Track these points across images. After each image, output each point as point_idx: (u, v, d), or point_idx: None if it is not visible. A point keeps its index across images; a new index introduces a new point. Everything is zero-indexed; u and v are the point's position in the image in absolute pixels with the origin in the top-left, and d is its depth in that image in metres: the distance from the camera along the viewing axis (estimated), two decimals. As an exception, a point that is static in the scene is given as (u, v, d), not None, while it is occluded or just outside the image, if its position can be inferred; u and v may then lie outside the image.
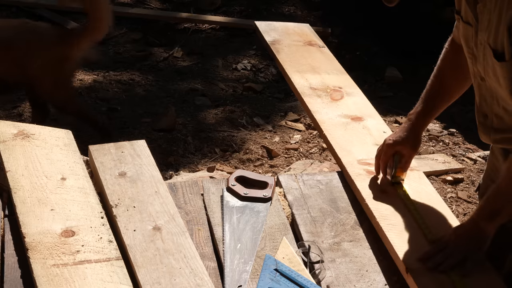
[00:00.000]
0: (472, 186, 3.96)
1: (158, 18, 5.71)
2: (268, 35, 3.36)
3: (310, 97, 2.94)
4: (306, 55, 3.23)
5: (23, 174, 2.41)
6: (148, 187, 2.43)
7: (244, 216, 2.42)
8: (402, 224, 2.34)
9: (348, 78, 3.10)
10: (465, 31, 2.19)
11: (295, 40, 3.35)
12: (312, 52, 3.27)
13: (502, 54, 2.03)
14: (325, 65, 3.17)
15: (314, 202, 2.52)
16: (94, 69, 4.99)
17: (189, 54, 5.34)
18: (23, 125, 2.69)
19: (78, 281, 2.04)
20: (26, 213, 2.26)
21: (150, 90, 4.83)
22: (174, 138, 4.29)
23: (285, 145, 4.27)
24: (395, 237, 2.28)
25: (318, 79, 3.06)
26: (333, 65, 3.18)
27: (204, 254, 2.27)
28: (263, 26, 3.45)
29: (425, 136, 4.39)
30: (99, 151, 2.57)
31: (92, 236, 2.20)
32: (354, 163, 2.60)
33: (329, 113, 2.85)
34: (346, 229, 2.41)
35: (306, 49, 3.29)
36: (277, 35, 3.36)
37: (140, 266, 2.13)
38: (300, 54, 3.23)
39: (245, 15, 5.84)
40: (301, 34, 3.41)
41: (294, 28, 3.48)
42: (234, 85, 4.97)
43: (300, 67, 3.12)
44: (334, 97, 2.95)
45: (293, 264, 2.20)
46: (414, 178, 2.57)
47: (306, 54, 3.24)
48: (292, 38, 3.36)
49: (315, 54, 3.25)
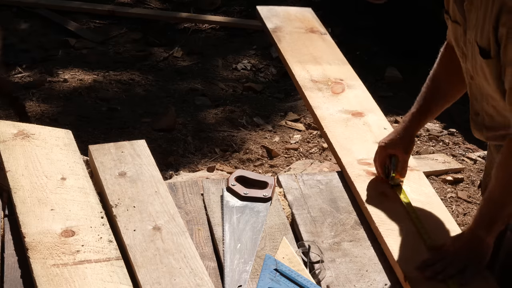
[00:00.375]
0: (472, 186, 3.96)
1: (158, 18, 5.71)
2: (269, 21, 3.32)
3: (311, 90, 2.92)
4: (308, 44, 3.19)
5: (23, 174, 2.41)
6: (148, 187, 2.43)
7: (244, 216, 2.42)
8: (401, 230, 2.33)
9: (350, 68, 3.08)
10: (454, 30, 2.20)
11: (297, 27, 3.30)
12: (314, 40, 3.24)
13: (488, 51, 2.03)
14: (326, 54, 3.15)
15: (314, 202, 2.51)
16: (94, 69, 4.99)
17: (189, 54, 5.34)
18: (23, 125, 2.69)
19: (78, 281, 2.04)
20: (26, 213, 2.26)
21: (150, 90, 4.83)
22: (174, 138, 4.29)
23: (285, 145, 4.27)
24: (393, 243, 2.28)
25: (319, 70, 3.03)
26: (335, 54, 3.16)
27: (204, 254, 2.27)
28: (264, 11, 3.40)
29: (425, 136, 4.39)
30: (99, 151, 2.57)
31: (92, 236, 2.20)
32: (354, 163, 2.60)
33: (330, 108, 2.84)
34: (346, 229, 2.41)
35: (308, 36, 3.25)
36: (279, 22, 3.32)
37: (140, 266, 2.12)
38: (301, 42, 3.20)
39: (245, 15, 5.84)
40: (303, 20, 3.36)
41: (296, 13, 3.43)
42: (234, 85, 4.97)
43: (301, 57, 3.09)
44: (335, 90, 2.94)
45: (293, 264, 2.20)
46: (414, 179, 2.56)
47: (308, 43, 3.20)
48: (294, 24, 3.32)
49: (317, 43, 3.22)
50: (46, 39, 5.32)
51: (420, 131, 4.40)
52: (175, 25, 5.70)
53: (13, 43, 5.21)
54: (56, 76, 4.87)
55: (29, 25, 5.49)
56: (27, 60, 5.02)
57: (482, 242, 2.14)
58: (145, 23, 5.65)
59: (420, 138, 4.38)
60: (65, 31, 5.42)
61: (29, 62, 5.00)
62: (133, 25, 5.63)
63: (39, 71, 4.91)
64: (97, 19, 5.66)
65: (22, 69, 4.92)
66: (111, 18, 5.68)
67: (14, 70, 4.89)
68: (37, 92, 4.66)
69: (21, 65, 4.96)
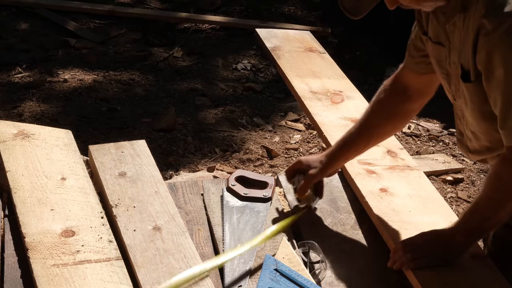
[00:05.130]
0: (472, 186, 3.96)
1: (158, 18, 5.71)
2: (268, 41, 3.38)
3: (310, 100, 2.95)
4: (307, 61, 3.24)
5: (23, 174, 2.41)
6: (148, 187, 2.43)
7: (244, 216, 2.42)
8: (402, 221, 2.34)
9: (349, 82, 3.11)
10: (437, 52, 2.15)
11: (296, 46, 3.36)
12: (313, 58, 3.28)
13: (469, 75, 2.00)
14: (325, 70, 3.18)
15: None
16: (94, 69, 4.99)
17: (189, 54, 5.34)
18: (23, 125, 2.69)
19: (78, 281, 2.04)
20: (26, 213, 2.26)
21: (150, 90, 4.83)
22: (174, 138, 4.29)
23: (285, 145, 4.27)
24: (395, 234, 2.29)
25: (318, 83, 3.06)
26: (333, 70, 3.19)
27: (204, 254, 2.27)
28: (263, 33, 3.47)
29: (425, 136, 4.40)
30: (99, 151, 2.57)
31: (92, 236, 2.20)
32: (354, 163, 2.60)
33: (329, 115, 2.86)
34: (346, 229, 2.41)
35: (306, 55, 3.30)
36: (278, 42, 3.37)
37: (140, 266, 2.13)
38: (300, 59, 3.24)
39: (245, 15, 5.84)
40: (301, 40, 3.42)
41: (295, 35, 3.50)
42: (234, 85, 4.97)
43: (300, 72, 3.13)
44: (334, 100, 2.96)
45: (293, 264, 2.20)
46: (414, 178, 2.57)
47: (307, 60, 3.25)
48: (293, 44, 3.37)
49: (315, 60, 3.26)
50: (46, 39, 5.32)
51: (420, 131, 4.40)
52: (175, 25, 5.70)
53: (13, 43, 5.22)
54: (56, 76, 4.87)
55: (29, 25, 5.49)
56: (27, 60, 5.02)
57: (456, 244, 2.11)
58: (145, 23, 5.65)
59: (420, 138, 4.38)
60: (65, 31, 5.42)
61: (29, 62, 5.00)
62: (133, 25, 5.63)
63: (39, 71, 4.91)
64: (97, 19, 5.66)
65: (22, 69, 4.92)
66: (111, 18, 5.68)
67: (14, 70, 4.89)
68: (37, 92, 4.66)
69: (21, 65, 4.95)
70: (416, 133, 4.41)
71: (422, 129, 4.43)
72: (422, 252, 2.13)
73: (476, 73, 1.98)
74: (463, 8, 1.96)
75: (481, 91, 1.99)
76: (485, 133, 2.11)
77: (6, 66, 4.92)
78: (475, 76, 1.98)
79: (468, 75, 2.01)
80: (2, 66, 4.91)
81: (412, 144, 4.31)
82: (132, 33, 5.54)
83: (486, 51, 1.90)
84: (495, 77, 1.91)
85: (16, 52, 5.11)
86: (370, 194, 2.45)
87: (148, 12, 5.77)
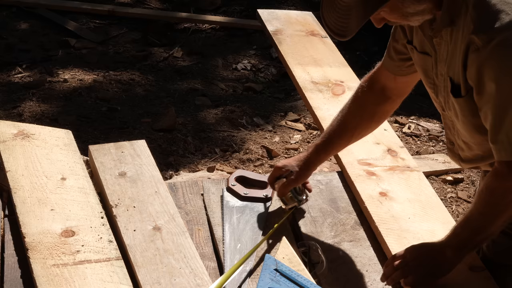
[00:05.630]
0: (472, 186, 3.96)
1: (158, 18, 5.71)
2: (270, 24, 3.33)
3: (311, 92, 2.92)
4: (308, 46, 3.20)
5: (23, 174, 2.41)
6: (148, 187, 2.43)
7: (244, 216, 2.42)
8: (401, 229, 2.34)
9: (350, 71, 3.08)
10: (423, 61, 2.13)
11: (298, 30, 3.31)
12: (315, 43, 3.24)
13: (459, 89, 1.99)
14: (327, 57, 3.15)
15: (314, 202, 2.51)
16: (94, 69, 4.99)
17: (189, 54, 5.33)
18: (23, 125, 2.69)
19: (78, 281, 2.04)
20: (26, 213, 2.26)
21: (150, 90, 4.83)
22: (174, 138, 4.29)
23: (285, 145, 4.27)
24: (393, 242, 2.28)
25: (320, 72, 3.04)
26: (335, 57, 3.16)
27: (204, 254, 2.27)
28: (265, 14, 3.41)
29: (425, 136, 4.39)
30: (99, 151, 2.57)
31: (92, 236, 2.20)
32: (354, 163, 2.60)
33: (330, 109, 2.83)
34: (346, 229, 2.41)
35: (308, 39, 3.26)
36: (280, 24, 3.33)
37: (140, 266, 2.13)
38: (302, 45, 3.20)
39: (245, 15, 5.84)
40: (304, 23, 3.37)
41: (297, 17, 3.44)
42: (234, 85, 4.97)
43: (302, 60, 3.10)
44: (335, 91, 2.94)
45: (293, 264, 2.20)
46: (414, 179, 2.57)
47: (309, 45, 3.21)
48: (295, 27, 3.32)
49: (317, 45, 3.22)
50: (46, 39, 5.32)
51: (420, 131, 4.40)
52: (175, 25, 5.70)
53: (13, 43, 5.21)
54: (56, 76, 4.86)
55: (29, 25, 5.49)
56: (27, 60, 5.02)
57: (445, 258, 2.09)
58: (145, 23, 5.64)
59: (420, 138, 4.38)
60: (65, 31, 5.42)
61: (29, 62, 5.00)
62: (133, 25, 5.62)
63: (39, 71, 4.91)
64: (97, 19, 5.66)
65: (22, 69, 4.92)
66: (111, 18, 5.68)
67: (14, 70, 4.89)
68: (37, 92, 4.66)
69: (21, 65, 4.95)
70: (416, 133, 4.40)
71: (422, 129, 4.43)
72: (411, 268, 2.10)
73: (466, 88, 1.97)
74: (450, 22, 1.94)
75: (472, 105, 1.98)
76: (478, 144, 2.10)
77: (6, 66, 4.91)
78: (466, 91, 1.97)
79: (458, 90, 1.99)
80: (2, 66, 4.90)
81: (412, 144, 4.31)
82: (132, 33, 5.53)
83: (477, 66, 1.89)
84: (486, 91, 1.90)
85: (16, 52, 5.10)
86: (369, 199, 2.45)
87: (148, 12, 5.77)
